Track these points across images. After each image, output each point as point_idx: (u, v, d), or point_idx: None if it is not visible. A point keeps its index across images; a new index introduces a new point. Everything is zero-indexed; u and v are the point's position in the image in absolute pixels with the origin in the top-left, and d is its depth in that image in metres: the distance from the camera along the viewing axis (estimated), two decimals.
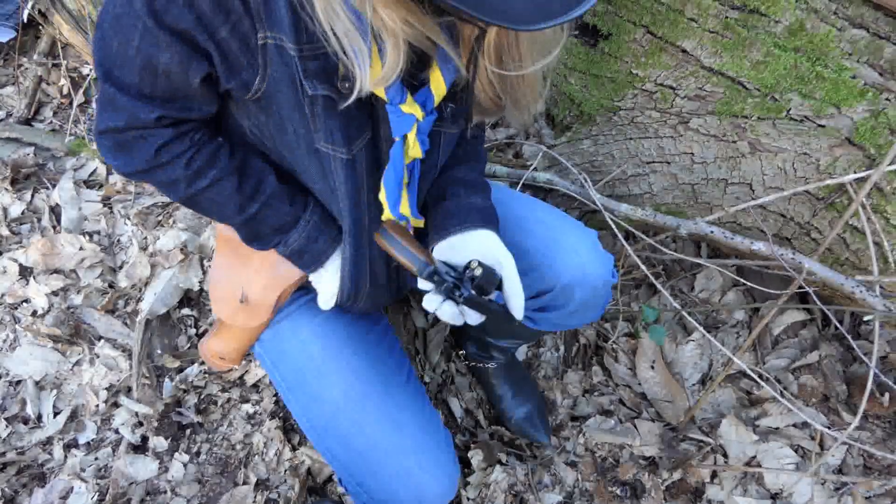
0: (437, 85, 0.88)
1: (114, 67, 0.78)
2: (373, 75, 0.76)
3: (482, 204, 1.04)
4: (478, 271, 0.90)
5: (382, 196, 0.95)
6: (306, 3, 0.72)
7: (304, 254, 1.00)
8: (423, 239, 1.04)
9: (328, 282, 1.04)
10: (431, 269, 0.90)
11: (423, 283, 0.92)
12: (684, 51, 1.36)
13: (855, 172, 1.30)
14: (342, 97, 0.80)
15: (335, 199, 0.94)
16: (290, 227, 0.98)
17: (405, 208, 0.98)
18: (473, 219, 1.00)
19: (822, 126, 1.31)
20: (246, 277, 1.06)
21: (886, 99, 1.23)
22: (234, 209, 0.93)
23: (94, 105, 2.21)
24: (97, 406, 1.59)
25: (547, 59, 0.84)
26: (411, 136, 0.90)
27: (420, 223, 1.05)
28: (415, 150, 0.93)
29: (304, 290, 1.12)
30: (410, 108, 0.87)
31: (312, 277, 1.06)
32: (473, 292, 0.89)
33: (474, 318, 0.92)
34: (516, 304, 0.93)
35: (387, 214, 0.97)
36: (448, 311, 0.90)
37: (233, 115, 0.90)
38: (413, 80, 0.86)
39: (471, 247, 0.97)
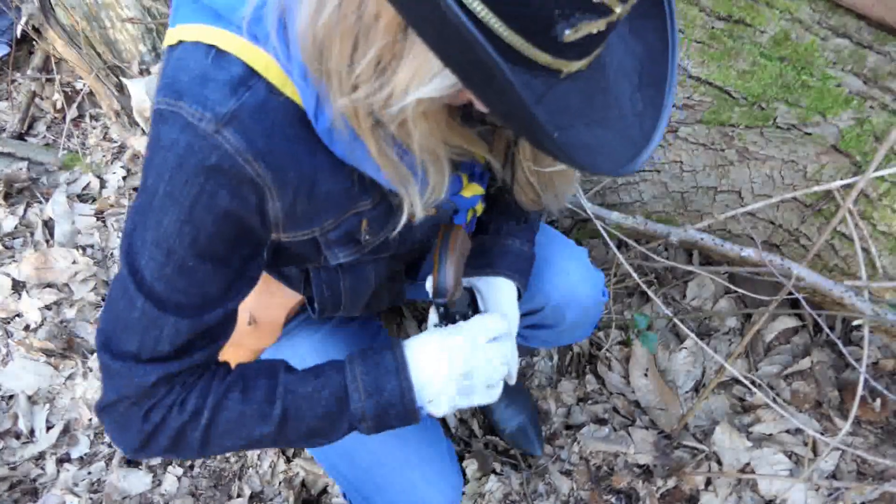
0: None
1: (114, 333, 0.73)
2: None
3: (518, 248, 1.03)
4: None
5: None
6: (355, 161, 0.70)
7: (388, 411, 0.80)
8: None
9: (440, 403, 0.83)
10: (444, 303, 0.89)
11: (432, 308, 0.95)
12: None
13: (842, 179, 1.31)
14: (364, 247, 0.82)
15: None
16: (339, 396, 0.80)
17: None
18: (499, 265, 1.00)
19: (809, 134, 1.32)
20: (253, 298, 1.01)
21: (870, 106, 1.25)
22: (256, 422, 0.77)
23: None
24: (90, 420, 1.58)
25: None
26: (477, 206, 0.95)
27: None
28: (479, 211, 0.97)
29: (303, 308, 1.12)
30: (471, 190, 0.90)
31: (431, 410, 0.84)
32: None
33: None
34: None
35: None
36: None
37: None
38: None
39: (486, 293, 0.99)
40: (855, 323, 1.33)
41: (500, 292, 0.98)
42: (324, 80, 0.60)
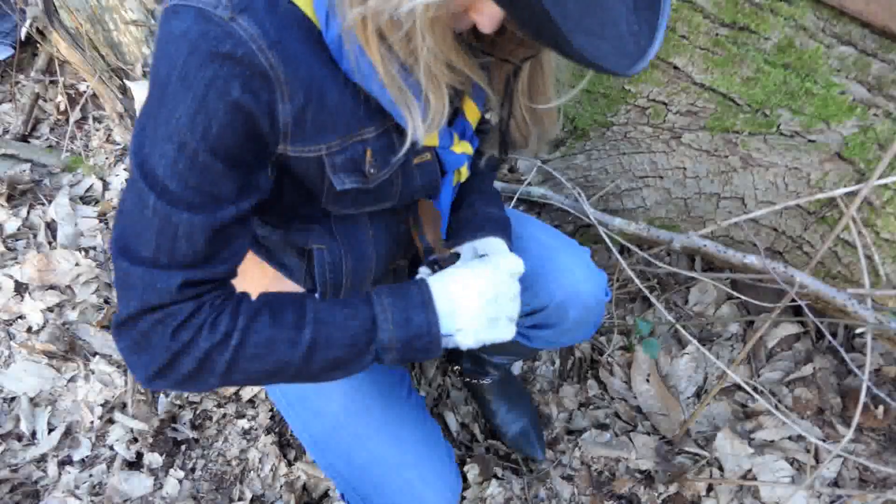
0: (471, 112, 0.93)
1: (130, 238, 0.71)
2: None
3: (497, 215, 1.08)
4: None
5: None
6: (361, 77, 0.72)
7: (415, 342, 0.81)
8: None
9: (467, 333, 0.84)
10: (436, 259, 0.98)
11: (422, 269, 0.99)
12: (676, 67, 1.38)
13: (845, 187, 1.31)
14: (369, 181, 0.83)
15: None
16: (367, 327, 0.79)
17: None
18: (488, 228, 1.05)
19: (813, 141, 1.32)
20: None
21: (875, 114, 1.25)
22: (285, 348, 0.76)
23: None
24: (92, 422, 1.58)
25: (570, 95, 0.88)
26: (463, 168, 0.97)
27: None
28: (464, 175, 0.99)
29: None
30: (461, 147, 0.92)
31: (459, 339, 0.85)
32: None
33: None
34: None
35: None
36: None
37: None
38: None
39: (484, 251, 1.02)
40: (858, 331, 1.33)
41: (496, 247, 1.03)
42: None
